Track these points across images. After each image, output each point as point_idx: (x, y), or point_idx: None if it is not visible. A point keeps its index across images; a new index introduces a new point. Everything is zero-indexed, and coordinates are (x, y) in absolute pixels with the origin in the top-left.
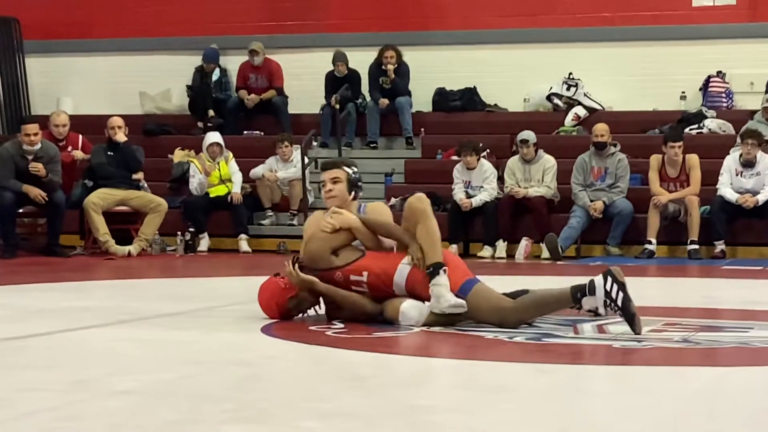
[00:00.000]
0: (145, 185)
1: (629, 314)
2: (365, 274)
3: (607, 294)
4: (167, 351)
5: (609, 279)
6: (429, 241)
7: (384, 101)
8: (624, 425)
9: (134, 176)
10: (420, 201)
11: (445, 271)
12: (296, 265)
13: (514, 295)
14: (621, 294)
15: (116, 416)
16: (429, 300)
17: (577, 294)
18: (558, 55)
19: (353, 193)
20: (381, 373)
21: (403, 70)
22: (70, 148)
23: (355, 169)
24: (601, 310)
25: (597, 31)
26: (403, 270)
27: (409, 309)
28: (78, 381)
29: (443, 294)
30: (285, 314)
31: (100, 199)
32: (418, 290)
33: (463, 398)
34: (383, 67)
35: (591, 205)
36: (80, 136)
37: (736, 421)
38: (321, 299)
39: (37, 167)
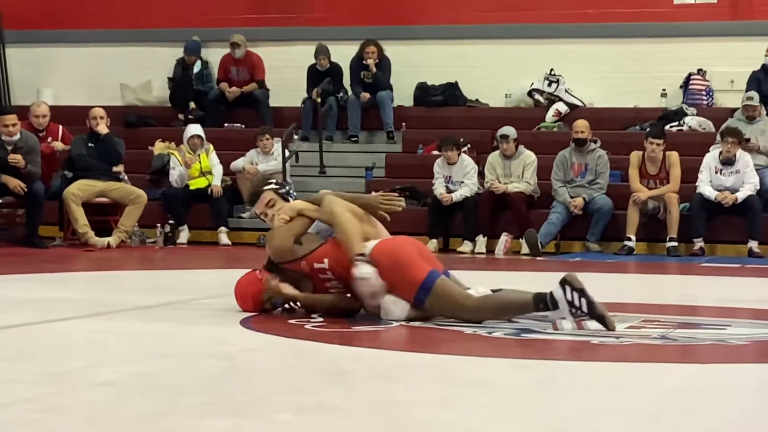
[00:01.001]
0: (125, 177)
1: (598, 317)
2: (326, 261)
3: (570, 304)
4: (146, 343)
5: (568, 289)
6: (345, 239)
7: (365, 95)
8: (602, 421)
9: (114, 168)
10: (327, 205)
11: (364, 259)
12: (274, 279)
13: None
14: (584, 300)
15: (94, 408)
16: (394, 293)
17: (540, 305)
18: (540, 51)
19: (289, 198)
20: (359, 367)
21: (384, 64)
22: (50, 139)
23: (273, 180)
24: (569, 320)
25: (579, 28)
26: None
27: (390, 304)
28: (56, 372)
29: (364, 276)
30: (260, 308)
31: (80, 190)
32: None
33: (442, 393)
34: (364, 62)
35: (571, 202)
36: (60, 127)
37: (713, 418)
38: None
39: (16, 158)
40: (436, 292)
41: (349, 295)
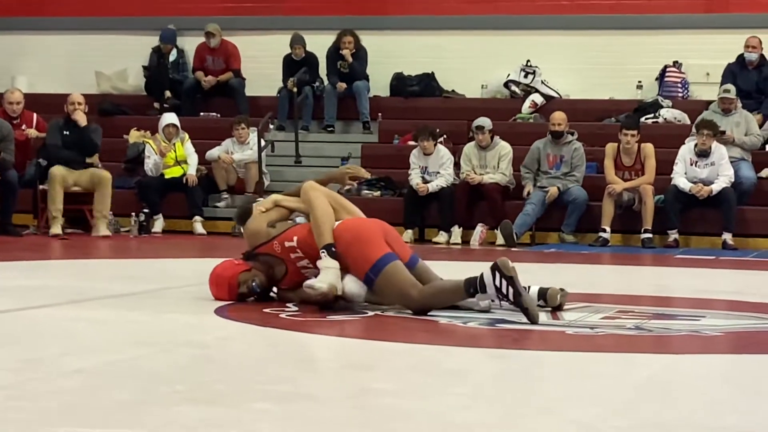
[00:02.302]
0: (100, 166)
1: (522, 308)
2: (295, 239)
3: (498, 290)
4: (120, 331)
5: (497, 275)
6: (315, 227)
7: (341, 85)
8: (576, 411)
9: (88, 160)
10: (305, 192)
11: (331, 252)
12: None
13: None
14: (511, 289)
15: (68, 396)
16: (349, 269)
17: (470, 289)
18: (516, 42)
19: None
20: (334, 356)
21: (360, 54)
22: (24, 127)
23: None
24: (497, 304)
25: (555, 19)
26: None
27: (350, 283)
28: (30, 360)
29: (322, 276)
30: (236, 294)
31: (63, 176)
32: (341, 261)
33: (417, 382)
34: (341, 51)
35: (548, 190)
36: (35, 115)
37: (687, 408)
38: (273, 281)
39: None
40: (386, 275)
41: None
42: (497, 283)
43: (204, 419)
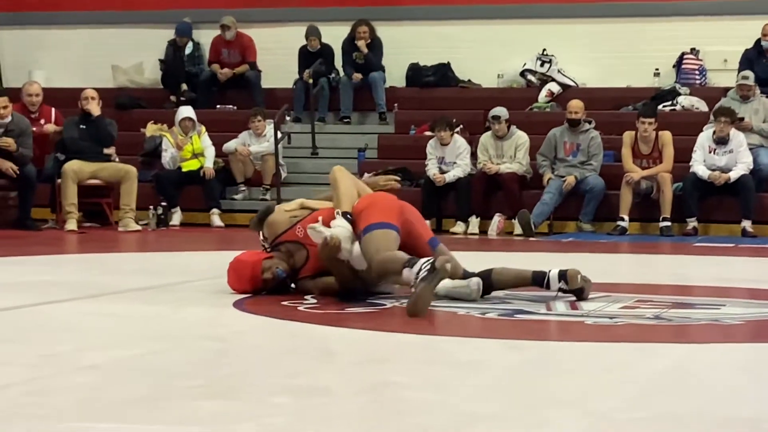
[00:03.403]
0: (117, 159)
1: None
2: (320, 219)
3: (419, 271)
4: (137, 326)
5: (431, 260)
6: (335, 198)
7: (357, 76)
8: (595, 402)
9: (106, 150)
10: (333, 172)
11: (347, 217)
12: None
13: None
14: (425, 273)
15: (85, 391)
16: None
17: (411, 261)
18: (532, 31)
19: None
20: (352, 349)
21: (376, 45)
22: (42, 121)
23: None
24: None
25: (571, 8)
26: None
27: (356, 248)
28: (47, 356)
29: (333, 226)
30: (258, 279)
31: (75, 171)
32: (355, 230)
33: (434, 374)
34: (356, 42)
35: (564, 179)
36: (53, 110)
37: (707, 398)
38: (294, 270)
39: (8, 142)
40: (372, 235)
41: None
42: (425, 266)
43: (221, 413)
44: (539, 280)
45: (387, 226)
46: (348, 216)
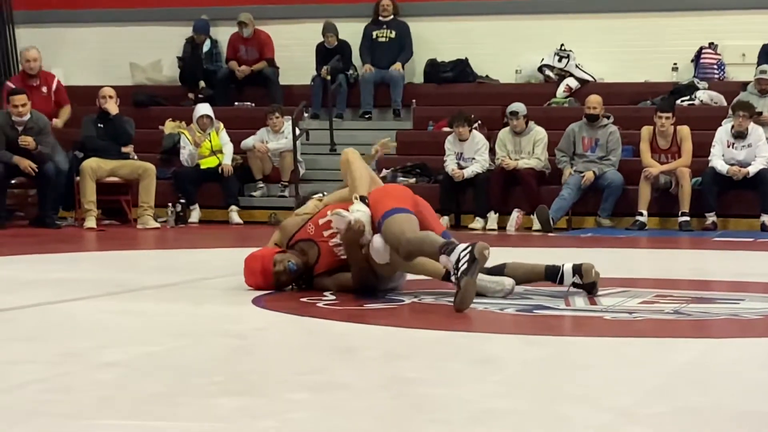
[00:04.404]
0: (135, 157)
1: (461, 287)
2: (329, 212)
3: (457, 261)
4: (157, 323)
5: (469, 248)
6: (351, 182)
7: (368, 67)
8: (615, 397)
9: (124, 149)
10: (344, 154)
11: (365, 201)
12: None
13: (491, 271)
14: (465, 265)
15: (105, 388)
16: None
17: (443, 248)
18: (550, 26)
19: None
20: (371, 345)
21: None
22: (44, 89)
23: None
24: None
25: (589, 2)
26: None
27: (377, 241)
28: (67, 353)
29: (352, 211)
30: (269, 273)
31: (93, 169)
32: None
33: (453, 370)
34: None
35: (582, 174)
36: (56, 78)
37: (726, 393)
38: (307, 267)
39: (27, 141)
40: (392, 220)
41: None
42: (462, 253)
43: (241, 410)
44: (552, 275)
45: (406, 211)
46: (365, 201)
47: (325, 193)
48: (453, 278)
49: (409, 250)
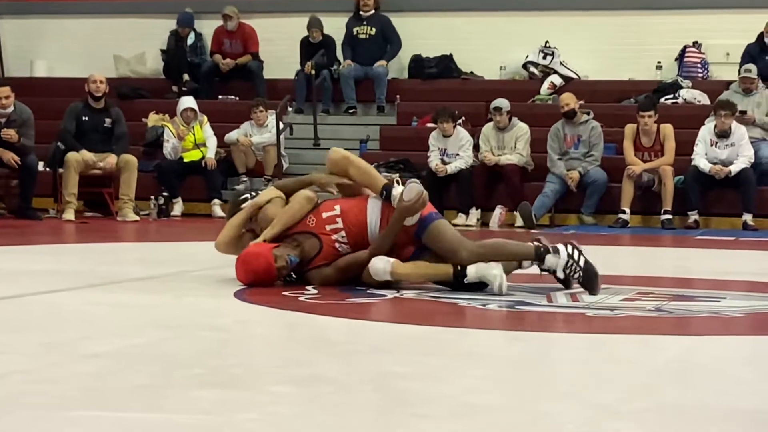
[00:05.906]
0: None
1: (592, 272)
2: (337, 207)
3: (570, 256)
4: (138, 315)
5: (570, 246)
6: (365, 176)
7: (347, 62)
8: (597, 393)
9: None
10: (336, 152)
11: (398, 182)
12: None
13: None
14: (582, 258)
15: (87, 380)
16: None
17: (540, 249)
18: (535, 23)
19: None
20: (353, 339)
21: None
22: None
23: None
24: (560, 273)
25: (574, 0)
26: (374, 205)
27: (377, 261)
28: (49, 344)
29: (404, 190)
30: (272, 268)
31: (78, 161)
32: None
33: (435, 365)
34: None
35: (568, 174)
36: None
37: (710, 390)
38: (302, 261)
39: (9, 134)
40: (438, 225)
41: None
42: (570, 250)
43: (223, 402)
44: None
45: (436, 215)
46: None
47: (254, 194)
48: (563, 272)
49: (479, 257)
